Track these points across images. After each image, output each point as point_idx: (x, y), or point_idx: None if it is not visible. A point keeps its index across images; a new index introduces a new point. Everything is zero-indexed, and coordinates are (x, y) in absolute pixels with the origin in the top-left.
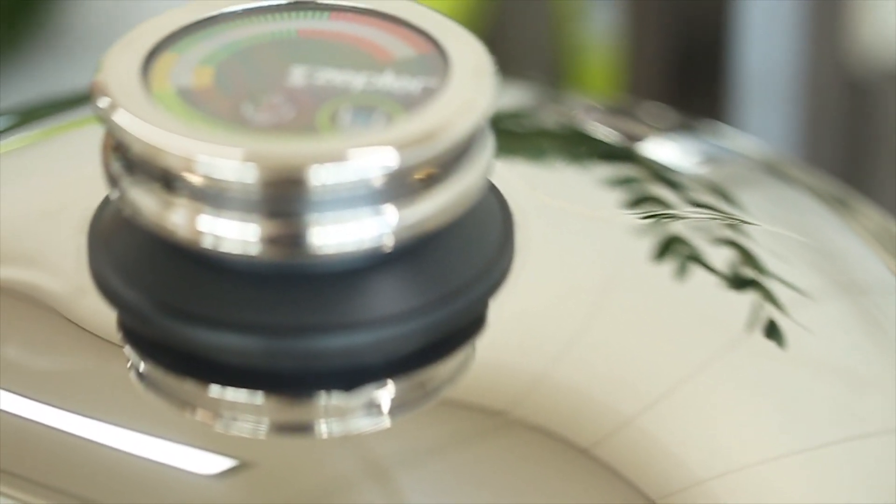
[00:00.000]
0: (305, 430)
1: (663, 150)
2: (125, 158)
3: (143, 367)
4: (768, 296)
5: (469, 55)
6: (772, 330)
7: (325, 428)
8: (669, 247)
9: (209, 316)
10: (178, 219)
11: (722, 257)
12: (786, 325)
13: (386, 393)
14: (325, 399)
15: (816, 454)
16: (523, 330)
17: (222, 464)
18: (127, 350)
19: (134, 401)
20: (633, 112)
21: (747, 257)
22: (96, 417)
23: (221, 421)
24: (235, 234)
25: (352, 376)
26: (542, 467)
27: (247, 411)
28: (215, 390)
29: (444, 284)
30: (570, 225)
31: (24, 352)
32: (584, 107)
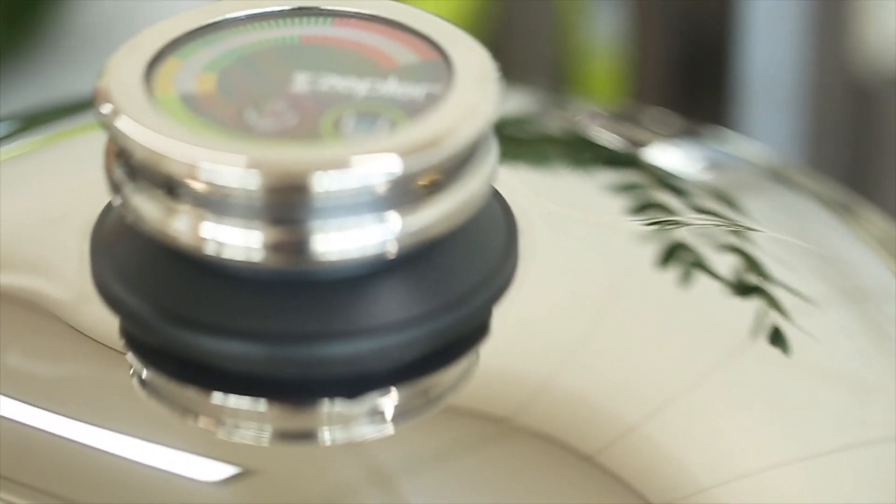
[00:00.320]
0: (309, 437)
1: (667, 156)
2: (128, 165)
3: (145, 374)
4: (773, 302)
5: (473, 61)
6: (776, 337)
7: (328, 435)
8: (674, 253)
9: (212, 323)
10: (181, 225)
11: (726, 264)
12: (790, 331)
13: (389, 400)
14: (328, 406)
15: (821, 461)
16: (527, 337)
17: (225, 471)
18: (129, 357)
19: (137, 408)
20: (637, 118)
21: (752, 264)
22: (99, 424)
23: (224, 428)
24: (238, 241)
25: (355, 383)
26: (546, 474)
27: (250, 418)
28: (218, 397)
29: (448, 291)
30: (574, 231)
31: (27, 358)
32: (587, 113)
